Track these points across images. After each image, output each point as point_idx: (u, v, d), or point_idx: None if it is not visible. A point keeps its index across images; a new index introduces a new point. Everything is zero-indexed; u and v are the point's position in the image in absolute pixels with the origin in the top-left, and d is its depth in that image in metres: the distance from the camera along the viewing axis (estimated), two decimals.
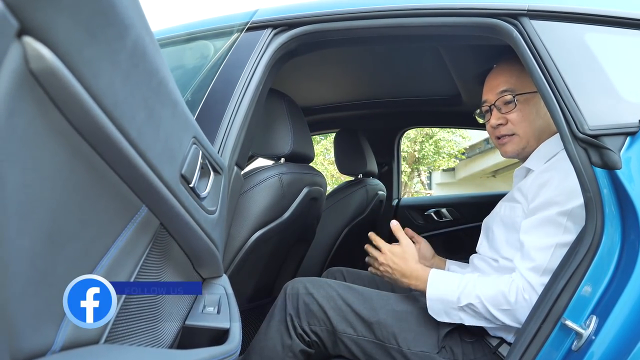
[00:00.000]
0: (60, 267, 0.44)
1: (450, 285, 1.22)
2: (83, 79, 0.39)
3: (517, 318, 1.14)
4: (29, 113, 0.36)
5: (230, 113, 1.21)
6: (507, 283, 1.16)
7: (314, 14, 1.31)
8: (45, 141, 0.38)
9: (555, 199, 1.15)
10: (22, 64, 0.35)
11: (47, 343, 0.43)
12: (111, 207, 0.52)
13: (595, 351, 0.88)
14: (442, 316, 1.23)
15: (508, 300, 1.14)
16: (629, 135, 0.98)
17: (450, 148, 12.75)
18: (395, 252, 1.34)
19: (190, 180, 0.71)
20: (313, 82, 2.39)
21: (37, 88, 0.37)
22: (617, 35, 1.11)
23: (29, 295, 0.39)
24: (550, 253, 1.13)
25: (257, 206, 1.43)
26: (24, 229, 0.37)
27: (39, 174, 0.37)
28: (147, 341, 0.66)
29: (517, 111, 1.33)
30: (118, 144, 0.46)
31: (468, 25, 1.21)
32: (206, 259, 0.88)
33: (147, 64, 0.52)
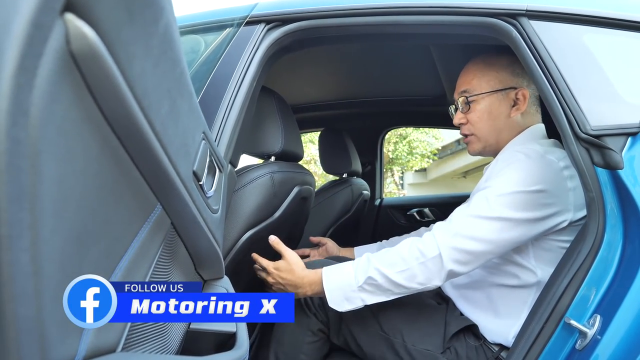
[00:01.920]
0: (84, 270, 0.40)
1: (344, 270, 1.22)
2: (120, 63, 0.36)
3: (414, 277, 1.14)
4: (67, 99, 0.32)
5: (224, 110, 1.17)
6: (402, 243, 1.18)
7: (308, 9, 1.28)
8: (80, 131, 0.35)
9: (491, 182, 1.18)
10: (63, 44, 0.31)
11: (71, 353, 0.39)
12: (131, 205, 0.48)
13: (602, 351, 0.88)
14: (344, 304, 1.20)
15: (403, 258, 1.15)
16: (630, 136, 0.99)
17: (424, 149, 12.89)
18: (280, 267, 1.32)
19: (200, 178, 0.68)
20: (296, 80, 2.36)
21: (74, 71, 0.34)
22: (615, 36, 1.12)
23: (57, 302, 0.36)
24: (469, 221, 1.14)
25: (249, 205, 1.40)
26: (57, 229, 0.33)
27: (72, 168, 0.34)
28: (158, 347, 0.62)
29: (472, 112, 1.36)
30: (146, 136, 0.43)
31: (466, 24, 1.20)
32: (209, 260, 0.84)
33: (174, 52, 0.49)
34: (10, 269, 0.27)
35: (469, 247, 1.12)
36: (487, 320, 1.27)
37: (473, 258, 1.13)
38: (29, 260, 0.29)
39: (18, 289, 0.28)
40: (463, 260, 1.13)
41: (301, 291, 1.27)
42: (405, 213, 2.85)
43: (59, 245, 0.34)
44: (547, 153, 1.18)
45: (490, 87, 1.34)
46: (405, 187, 16.35)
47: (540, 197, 1.12)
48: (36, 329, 0.31)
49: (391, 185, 14.39)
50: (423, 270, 1.13)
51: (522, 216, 1.12)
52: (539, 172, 1.14)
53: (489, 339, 1.24)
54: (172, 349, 0.69)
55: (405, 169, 14.48)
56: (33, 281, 0.30)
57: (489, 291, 1.27)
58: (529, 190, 1.12)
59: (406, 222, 2.84)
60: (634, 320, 0.87)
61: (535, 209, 1.12)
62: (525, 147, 1.24)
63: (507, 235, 1.13)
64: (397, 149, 12.56)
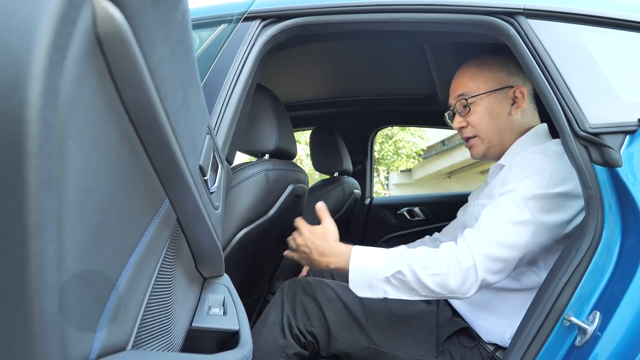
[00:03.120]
0: (100, 264, 0.39)
1: (376, 256, 1.17)
2: (143, 48, 0.35)
3: (446, 284, 1.09)
4: (93, 84, 0.31)
5: (221, 107, 1.16)
6: (442, 248, 1.15)
7: (304, 6, 1.27)
8: (102, 119, 0.33)
9: (515, 185, 1.16)
10: (90, 25, 0.30)
11: (86, 351, 0.38)
12: (143, 199, 0.47)
13: (603, 348, 0.88)
14: (364, 290, 1.15)
15: (439, 263, 1.10)
16: (628, 134, 0.99)
17: (409, 149, 12.95)
18: (315, 231, 1.30)
19: (205, 173, 0.67)
20: (287, 79, 2.35)
21: (99, 56, 0.32)
22: (611, 35, 1.13)
23: (76, 298, 0.34)
24: (501, 227, 1.11)
25: (244, 203, 1.38)
26: (79, 220, 0.32)
27: (95, 157, 0.33)
28: (163, 345, 0.61)
29: (472, 114, 1.35)
30: (162, 127, 0.41)
31: (464, 23, 1.20)
32: (210, 257, 0.83)
33: (188, 41, 0.47)
34: (38, 261, 0.26)
35: (502, 255, 1.09)
36: (482, 319, 1.26)
37: (505, 266, 1.10)
38: (55, 252, 0.28)
39: (45, 282, 0.27)
40: (495, 269, 1.09)
41: (325, 260, 1.22)
42: (395, 212, 2.85)
43: (79, 238, 0.32)
44: (564, 153, 1.17)
45: (488, 87, 1.34)
46: (391, 187, 16.42)
47: (567, 198, 1.12)
48: (58, 326, 0.30)
49: (377, 185, 14.43)
50: (457, 279, 1.09)
51: (553, 219, 1.10)
52: (561, 172, 1.13)
53: (485, 338, 1.24)
54: (175, 347, 0.67)
55: (390, 169, 14.54)
56: (57, 275, 0.28)
57: (488, 292, 1.26)
58: (554, 193, 1.11)
59: (396, 222, 2.84)
60: (635, 316, 0.88)
61: (564, 211, 1.11)
62: (542, 147, 1.22)
63: (538, 240, 1.10)
64: (383, 149, 12.59)
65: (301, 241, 1.30)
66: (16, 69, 0.24)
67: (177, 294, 0.69)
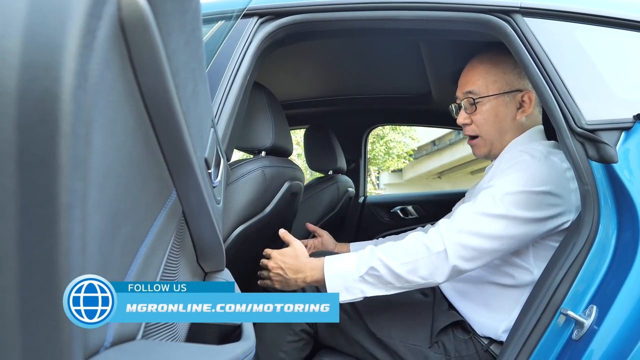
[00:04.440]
0: (115, 251, 0.39)
1: (347, 259, 1.20)
2: (162, 34, 0.35)
3: (417, 271, 1.12)
4: (115, 68, 0.31)
5: (219, 103, 1.16)
6: (408, 237, 1.18)
7: (301, 3, 1.28)
8: (122, 104, 0.34)
9: (495, 182, 1.18)
10: (115, 9, 0.30)
11: (102, 338, 0.38)
12: (154, 188, 0.47)
13: (600, 341, 0.89)
14: (343, 293, 1.17)
15: (408, 251, 1.14)
16: (624, 130, 1.01)
17: (400, 149, 12.99)
18: (285, 252, 1.32)
19: (210, 166, 0.67)
20: (281, 77, 2.35)
21: (122, 41, 0.32)
22: (606, 34, 1.14)
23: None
24: (474, 217, 1.14)
25: (241, 200, 1.38)
26: (99, 204, 0.32)
27: (114, 142, 0.33)
28: (168, 338, 0.61)
29: (478, 114, 1.35)
30: (176, 116, 0.41)
31: (461, 21, 1.21)
32: (212, 251, 0.83)
33: (200, 32, 0.48)
34: (67, 240, 0.26)
35: (474, 244, 1.12)
36: (477, 312, 1.27)
37: (478, 255, 1.13)
38: (80, 234, 0.28)
39: (72, 262, 0.27)
40: (468, 257, 1.12)
41: (301, 276, 1.25)
42: (389, 211, 2.86)
43: (98, 222, 0.33)
44: (550, 154, 1.19)
45: (497, 90, 1.33)
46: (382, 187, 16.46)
47: (546, 198, 1.13)
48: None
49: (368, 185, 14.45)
50: (427, 265, 1.12)
51: (527, 215, 1.12)
52: (544, 173, 1.14)
53: (479, 332, 1.25)
54: (180, 339, 0.67)
55: (381, 169, 14.58)
56: (82, 257, 0.29)
57: (483, 287, 1.27)
58: (535, 191, 1.12)
59: (390, 220, 2.85)
60: (632, 310, 0.89)
61: (540, 209, 1.13)
62: (529, 147, 1.24)
63: (512, 233, 1.12)
64: (374, 149, 12.62)
65: (273, 264, 1.31)
66: (51, 49, 0.24)
67: None
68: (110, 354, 0.38)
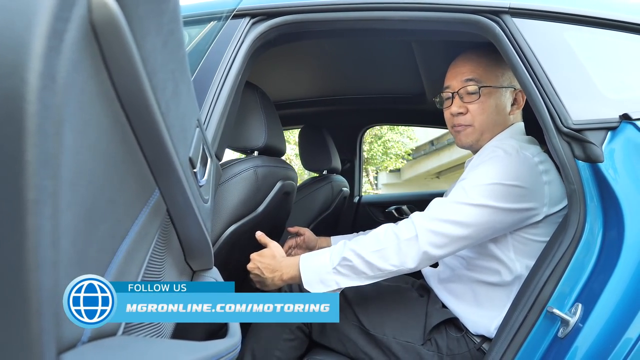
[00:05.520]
0: (92, 248, 0.39)
1: (321, 254, 1.23)
2: (136, 37, 0.36)
3: (387, 257, 1.14)
4: (87, 70, 0.32)
5: (210, 103, 1.17)
6: (379, 227, 1.21)
7: (293, 4, 1.28)
8: (95, 105, 0.34)
9: (467, 174, 1.22)
10: (86, 12, 0.31)
11: (79, 333, 0.39)
12: (134, 187, 0.48)
13: (584, 338, 0.90)
14: (318, 286, 1.19)
15: (378, 239, 1.16)
16: (610, 130, 1.02)
17: (398, 149, 12.99)
18: (263, 253, 1.33)
19: (195, 165, 0.68)
20: (275, 77, 2.36)
21: (93, 43, 0.33)
22: (594, 34, 1.15)
23: (69, 278, 0.35)
24: (445, 206, 1.17)
25: (233, 199, 1.39)
26: (72, 201, 0.33)
27: (87, 141, 0.34)
28: (152, 334, 0.62)
29: (478, 102, 1.34)
30: (153, 116, 0.42)
31: (451, 21, 1.22)
32: (199, 250, 0.84)
33: (179, 33, 0.48)
34: (35, 236, 0.27)
35: (445, 230, 1.13)
36: (469, 311, 1.28)
37: (449, 241, 1.14)
38: (50, 230, 0.28)
39: (41, 257, 0.28)
40: (439, 243, 1.13)
41: (277, 274, 1.26)
42: (383, 210, 2.87)
43: (72, 220, 0.33)
44: (522, 149, 1.21)
45: (500, 83, 1.34)
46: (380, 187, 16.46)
47: (516, 190, 1.15)
48: (54, 303, 0.31)
49: (366, 185, 14.46)
50: (397, 251, 1.13)
51: (498, 205, 1.14)
52: (516, 168, 1.16)
53: (472, 330, 1.26)
54: (165, 336, 0.68)
55: (379, 169, 14.58)
56: (53, 252, 0.29)
57: (473, 287, 1.29)
58: (506, 184, 1.15)
59: (385, 219, 2.86)
60: (615, 307, 0.90)
61: (510, 200, 1.15)
62: (503, 142, 1.26)
63: (481, 220, 1.14)
64: (372, 149, 12.62)
65: (252, 265, 1.33)
66: (17, 50, 0.25)
67: None
68: (88, 348, 0.39)
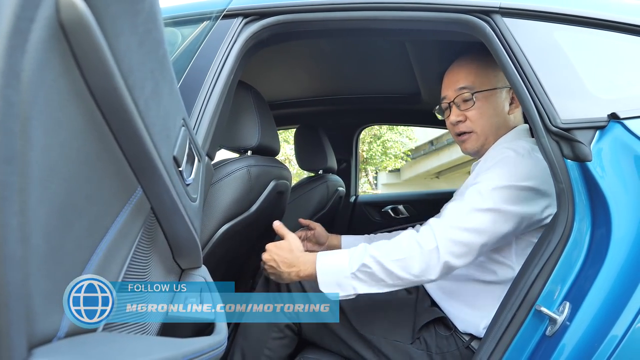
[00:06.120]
0: (68, 245, 0.40)
1: (339, 255, 1.20)
2: (107, 36, 0.36)
3: (409, 267, 1.12)
4: (56, 68, 0.32)
5: (202, 102, 1.17)
6: (401, 234, 1.19)
7: (285, 4, 1.29)
8: (66, 103, 0.35)
9: (481, 177, 1.21)
10: (53, 12, 0.31)
11: (54, 328, 0.39)
12: (113, 185, 0.48)
13: (571, 336, 0.91)
14: (334, 287, 1.17)
15: (401, 247, 1.14)
16: (598, 129, 1.02)
17: (397, 149, 12.99)
18: (281, 245, 1.32)
19: (180, 164, 0.68)
20: (271, 77, 2.37)
21: (63, 42, 0.34)
22: (584, 34, 1.16)
23: (43, 273, 0.36)
24: (464, 213, 1.15)
25: (225, 199, 1.39)
26: (43, 198, 0.33)
27: (59, 139, 0.34)
28: (138, 331, 0.62)
29: (475, 109, 1.36)
30: (130, 115, 0.43)
31: (441, 21, 1.22)
32: (187, 248, 0.84)
33: (157, 32, 0.49)
34: (1, 232, 0.27)
35: (464, 239, 1.12)
36: (459, 310, 1.29)
37: (468, 250, 1.13)
38: (17, 226, 0.29)
39: (8, 252, 0.28)
40: (459, 253, 1.12)
41: (294, 270, 1.24)
42: (379, 210, 2.88)
43: (44, 216, 0.34)
44: (534, 150, 1.21)
45: (493, 84, 1.35)
46: (379, 187, 16.46)
47: (530, 193, 1.15)
48: (23, 297, 0.31)
49: (365, 185, 14.46)
50: (419, 262, 1.12)
51: (513, 209, 1.14)
52: (528, 168, 1.16)
53: (460, 328, 1.27)
54: (151, 333, 0.69)
55: (379, 169, 14.59)
56: (21, 248, 0.30)
57: (466, 284, 1.29)
58: (519, 186, 1.14)
59: (381, 219, 2.87)
60: (601, 305, 0.91)
61: (525, 204, 1.14)
62: (513, 144, 1.26)
63: (500, 227, 1.14)
64: (371, 149, 12.62)
65: (267, 256, 1.31)
66: None
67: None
68: (62, 344, 0.39)
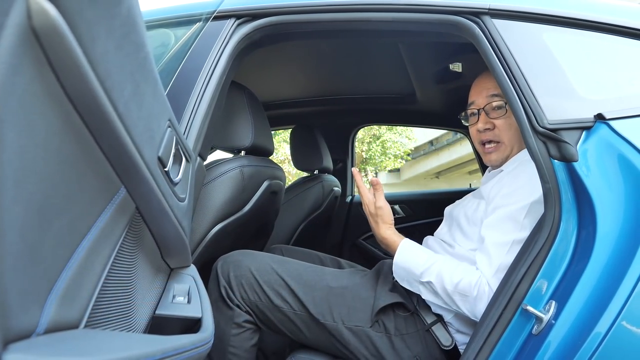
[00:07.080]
0: (47, 243, 0.41)
1: (418, 259, 1.25)
2: (82, 41, 0.37)
3: (472, 308, 1.17)
4: (28, 73, 0.33)
5: (194, 103, 1.18)
6: (471, 272, 1.19)
7: (278, 5, 1.30)
8: (41, 106, 0.36)
9: (515, 196, 1.21)
10: (24, 19, 0.32)
11: (32, 324, 0.40)
12: (94, 185, 0.49)
13: (556, 334, 0.92)
14: (404, 283, 1.28)
15: (470, 287, 1.17)
16: (584, 130, 1.03)
17: (397, 149, 13.00)
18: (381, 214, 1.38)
19: (165, 164, 0.69)
20: (267, 77, 2.38)
21: (36, 47, 0.35)
22: (572, 35, 1.17)
23: (19, 270, 0.37)
24: (506, 250, 1.17)
25: (218, 199, 1.40)
26: (18, 197, 0.34)
27: (34, 140, 0.35)
28: (123, 328, 0.63)
29: (505, 117, 1.35)
30: (108, 116, 0.44)
31: (431, 22, 1.23)
32: (176, 248, 0.85)
33: (137, 35, 0.50)
34: None
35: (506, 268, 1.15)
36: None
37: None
38: None
39: None
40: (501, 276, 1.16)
41: (385, 240, 1.34)
42: None
43: (20, 215, 0.35)
44: None
45: None
46: None
47: None
48: None
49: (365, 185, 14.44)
50: (476, 305, 1.17)
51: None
52: None
53: (433, 308, 1.28)
54: (138, 331, 0.70)
55: (378, 169, 14.59)
56: None
57: None
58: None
59: None
60: (585, 303, 0.91)
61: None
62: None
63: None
64: (371, 149, 12.63)
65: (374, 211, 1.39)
66: None
67: (139, 281, 0.72)
68: (41, 339, 0.40)
